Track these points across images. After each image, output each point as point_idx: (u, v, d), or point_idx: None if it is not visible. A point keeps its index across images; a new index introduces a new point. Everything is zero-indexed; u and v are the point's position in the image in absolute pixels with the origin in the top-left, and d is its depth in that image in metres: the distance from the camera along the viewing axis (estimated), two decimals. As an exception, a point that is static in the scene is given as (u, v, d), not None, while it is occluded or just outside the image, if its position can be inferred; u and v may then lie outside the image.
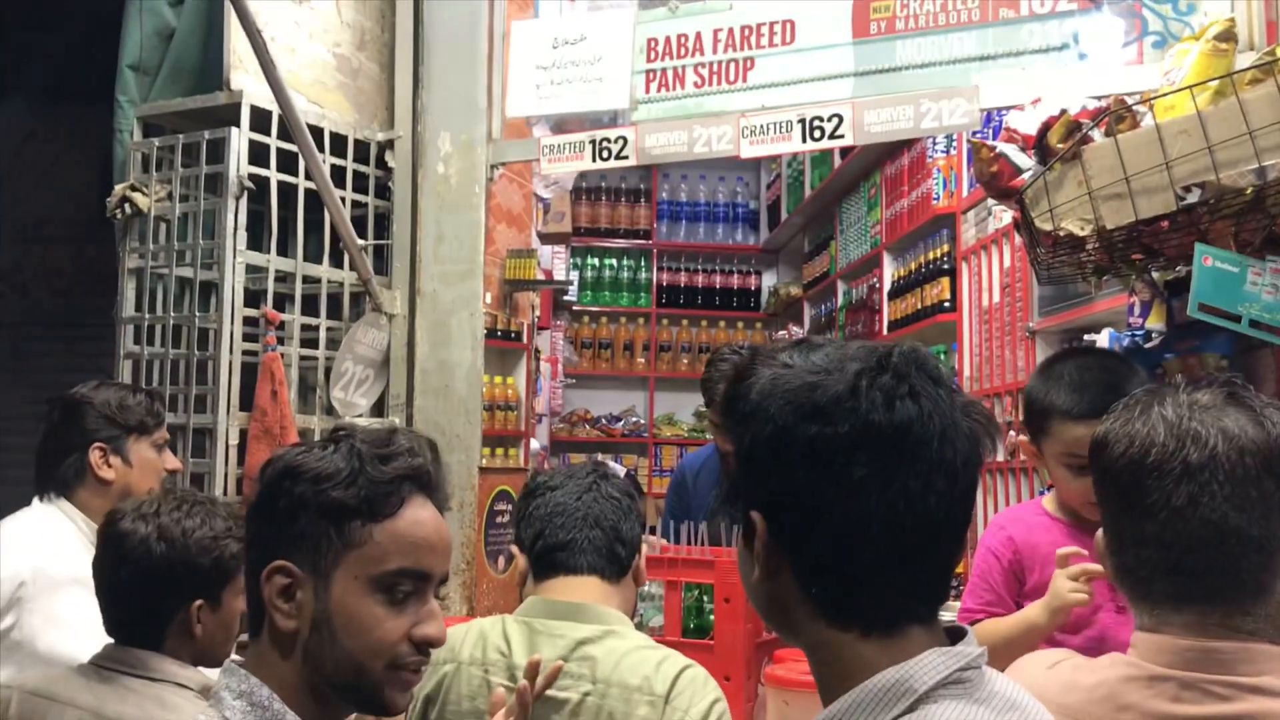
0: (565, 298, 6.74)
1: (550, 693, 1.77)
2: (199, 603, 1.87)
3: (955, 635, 1.03)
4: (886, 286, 5.20)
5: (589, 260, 7.69)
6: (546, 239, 5.00)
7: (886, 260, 5.23)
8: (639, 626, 2.08)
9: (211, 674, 2.01)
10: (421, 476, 1.34)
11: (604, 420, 7.55)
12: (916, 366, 1.00)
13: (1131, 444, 1.30)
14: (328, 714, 1.31)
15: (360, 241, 3.42)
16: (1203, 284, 1.91)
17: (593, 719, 1.75)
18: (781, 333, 7.22)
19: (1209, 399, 1.30)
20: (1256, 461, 1.25)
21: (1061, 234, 2.09)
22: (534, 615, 1.86)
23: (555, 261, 5.37)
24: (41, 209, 6.08)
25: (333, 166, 3.41)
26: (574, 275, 6.79)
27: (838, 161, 5.74)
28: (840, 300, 6.04)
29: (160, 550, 1.84)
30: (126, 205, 3.28)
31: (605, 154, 3.26)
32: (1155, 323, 2.50)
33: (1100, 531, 1.40)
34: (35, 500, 2.43)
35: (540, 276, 4.02)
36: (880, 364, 1.00)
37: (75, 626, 2.18)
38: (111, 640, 1.91)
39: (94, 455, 2.43)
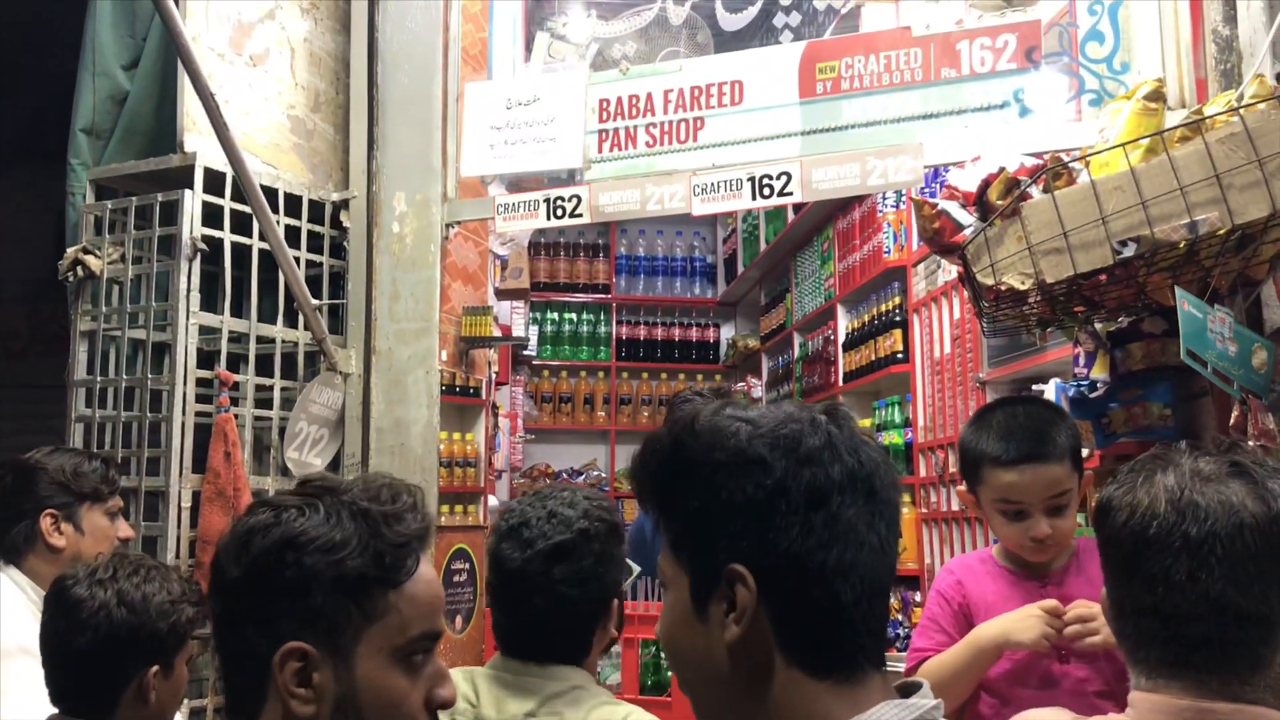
0: (525, 353, 6.74)
1: None
2: (154, 669, 1.85)
3: (909, 690, 1.03)
4: (841, 338, 5.26)
5: (548, 315, 7.71)
6: (504, 295, 5.01)
7: (840, 312, 5.29)
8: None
9: None
10: (427, 532, 1.26)
11: (565, 475, 7.53)
12: (845, 420, 1.05)
13: (1133, 514, 1.31)
14: None
15: (315, 301, 3.42)
16: (1185, 327, 1.95)
17: None
18: (740, 385, 7.25)
19: (1212, 468, 1.31)
20: (1255, 537, 1.26)
21: (1003, 288, 2.14)
22: (503, 670, 1.87)
23: (514, 317, 5.38)
24: (-6, 269, 6.03)
25: (287, 227, 3.41)
26: (533, 330, 6.80)
27: (791, 216, 5.82)
28: (797, 352, 6.09)
29: (121, 616, 1.81)
30: (79, 268, 3.26)
31: (560, 212, 3.29)
32: (1100, 373, 2.55)
33: (1103, 591, 1.41)
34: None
35: (497, 333, 4.03)
36: (827, 414, 1.04)
37: (22, 697, 2.14)
38: (56, 711, 1.87)
39: (45, 522, 2.40)
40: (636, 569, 2.37)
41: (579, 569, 1.82)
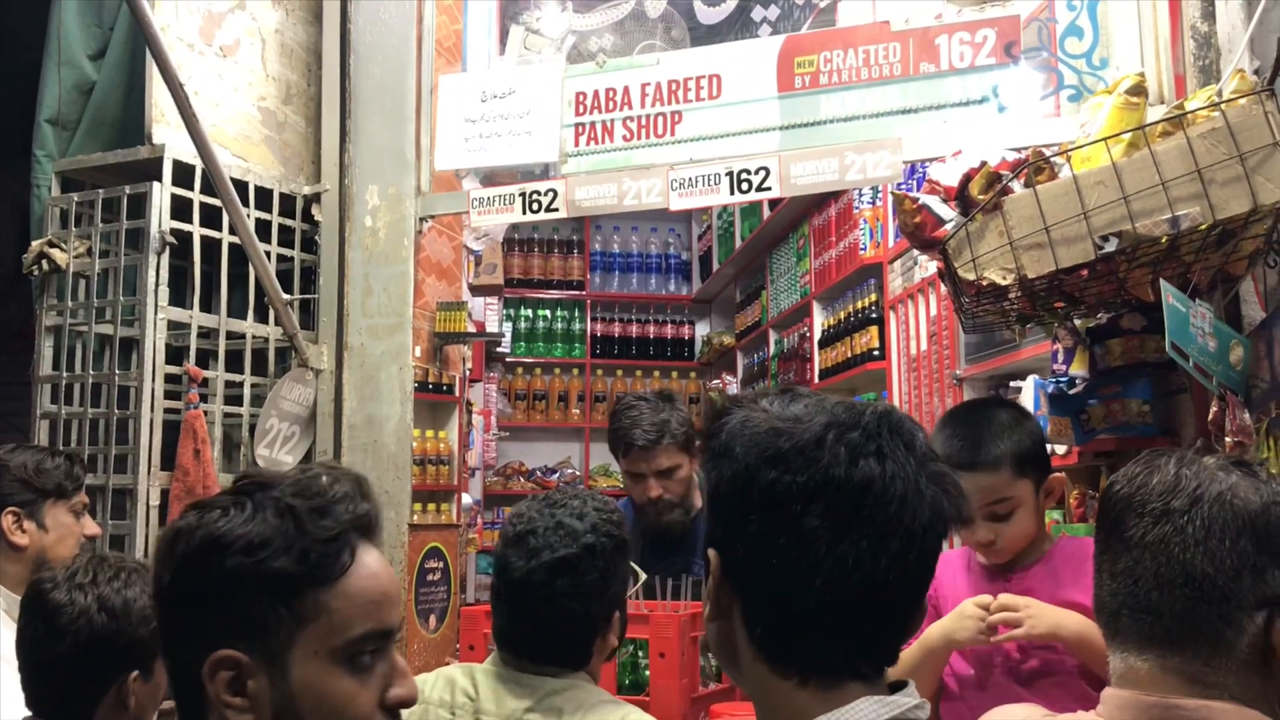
0: (498, 349, 6.70)
1: None
2: (134, 674, 1.81)
3: (895, 688, 1.02)
4: (817, 335, 5.25)
5: (522, 312, 7.66)
6: (478, 291, 4.97)
7: (816, 309, 5.28)
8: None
9: None
10: (365, 523, 1.19)
11: (539, 473, 7.49)
12: (889, 429, 1.01)
13: (1127, 484, 1.33)
14: None
15: (286, 296, 3.37)
16: (1171, 321, 1.94)
17: None
18: (715, 382, 7.24)
19: (1216, 462, 1.32)
20: (1239, 519, 1.25)
21: (984, 283, 2.12)
22: (502, 666, 1.87)
23: (488, 313, 5.34)
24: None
25: (258, 220, 3.36)
26: (507, 327, 6.76)
27: (767, 213, 5.80)
28: (772, 349, 6.08)
29: (102, 621, 1.76)
30: (44, 262, 3.20)
31: (535, 206, 3.26)
32: (1078, 369, 2.55)
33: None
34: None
35: (471, 329, 4.00)
36: (852, 421, 1.01)
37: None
38: (29, 714, 1.83)
39: (6, 520, 2.36)
40: (643, 576, 2.35)
41: (581, 583, 1.81)
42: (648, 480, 3.11)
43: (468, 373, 4.41)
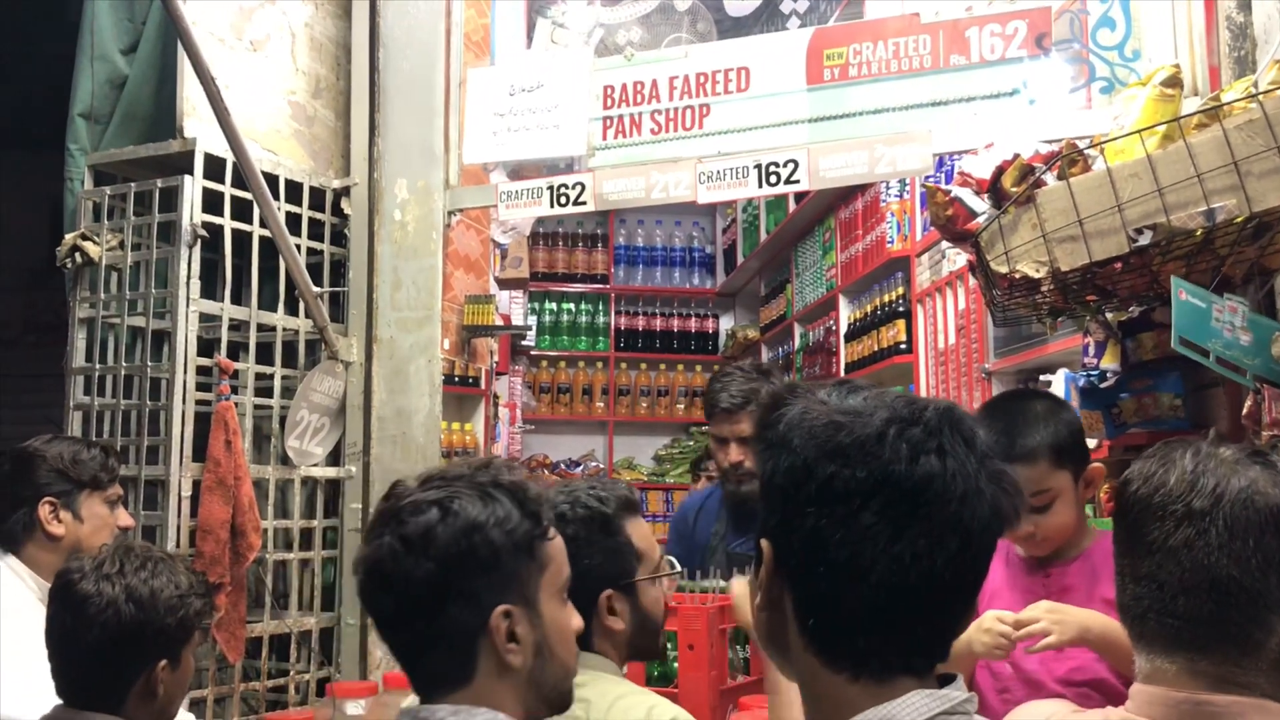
0: (523, 343, 6.72)
1: None
2: (163, 663, 1.83)
3: (944, 681, 1.02)
4: (843, 329, 5.24)
5: (547, 305, 7.68)
6: (504, 284, 4.99)
7: (842, 303, 5.27)
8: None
9: None
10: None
11: (563, 465, 7.51)
12: (951, 425, 1.00)
13: (1144, 484, 1.31)
14: None
15: (316, 289, 3.38)
16: (1179, 317, 1.93)
17: None
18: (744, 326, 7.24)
19: (1232, 455, 1.30)
20: (1261, 517, 1.24)
21: (1017, 276, 2.12)
22: None
23: (513, 307, 5.36)
24: (-5, 261, 5.99)
25: (288, 214, 3.38)
26: (532, 320, 6.78)
27: (793, 206, 5.79)
28: (797, 343, 6.07)
29: (129, 612, 1.78)
30: (77, 254, 3.22)
31: (563, 200, 3.27)
32: (1110, 363, 2.53)
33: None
34: (-18, 556, 2.38)
35: (498, 322, 4.01)
36: (913, 416, 1.00)
37: (22, 686, 2.12)
38: (60, 703, 1.85)
39: (43, 510, 2.38)
40: (679, 567, 2.33)
41: None
42: (729, 444, 3.11)
43: (494, 365, 4.43)
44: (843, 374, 5.14)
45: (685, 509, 3.66)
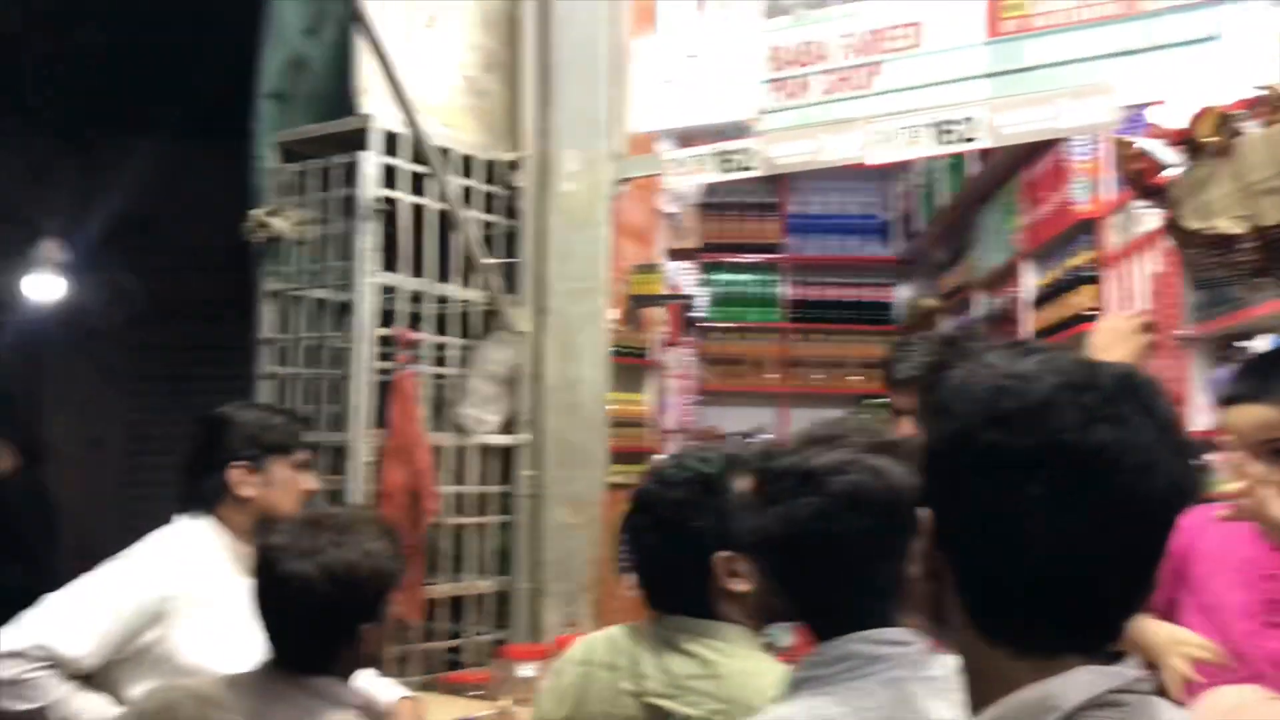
0: (694, 314, 6.71)
1: (676, 709, 1.72)
2: (366, 625, 1.89)
3: (1114, 658, 0.95)
4: (1028, 296, 5.02)
5: (718, 275, 7.63)
6: (674, 255, 4.98)
7: (1027, 269, 5.04)
8: (767, 648, 2.01)
9: (368, 692, 2.05)
10: None
11: (736, 438, 7.47)
12: (1129, 391, 0.93)
13: None
14: None
15: (488, 260, 3.45)
16: None
17: None
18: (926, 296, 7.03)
19: None
20: None
21: (1213, 233, 1.97)
22: (666, 627, 1.82)
23: (684, 277, 5.34)
24: (195, 238, 6.34)
25: (462, 187, 3.45)
26: (703, 291, 6.75)
27: (973, 168, 5.58)
28: (979, 311, 5.86)
29: (330, 590, 1.83)
30: (265, 231, 3.38)
31: (731, 165, 3.23)
32: (1321, 327, 2.34)
33: None
34: (181, 516, 2.50)
35: (667, 292, 4.00)
36: (1087, 381, 0.92)
37: (219, 641, 2.24)
38: (266, 660, 1.92)
39: (235, 473, 2.48)
40: None
41: (656, 519, 1.81)
42: (900, 419, 3.03)
43: (664, 336, 4.43)
44: (1026, 343, 4.93)
45: None
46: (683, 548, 1.78)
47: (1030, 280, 5.03)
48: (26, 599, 2.31)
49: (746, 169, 3.20)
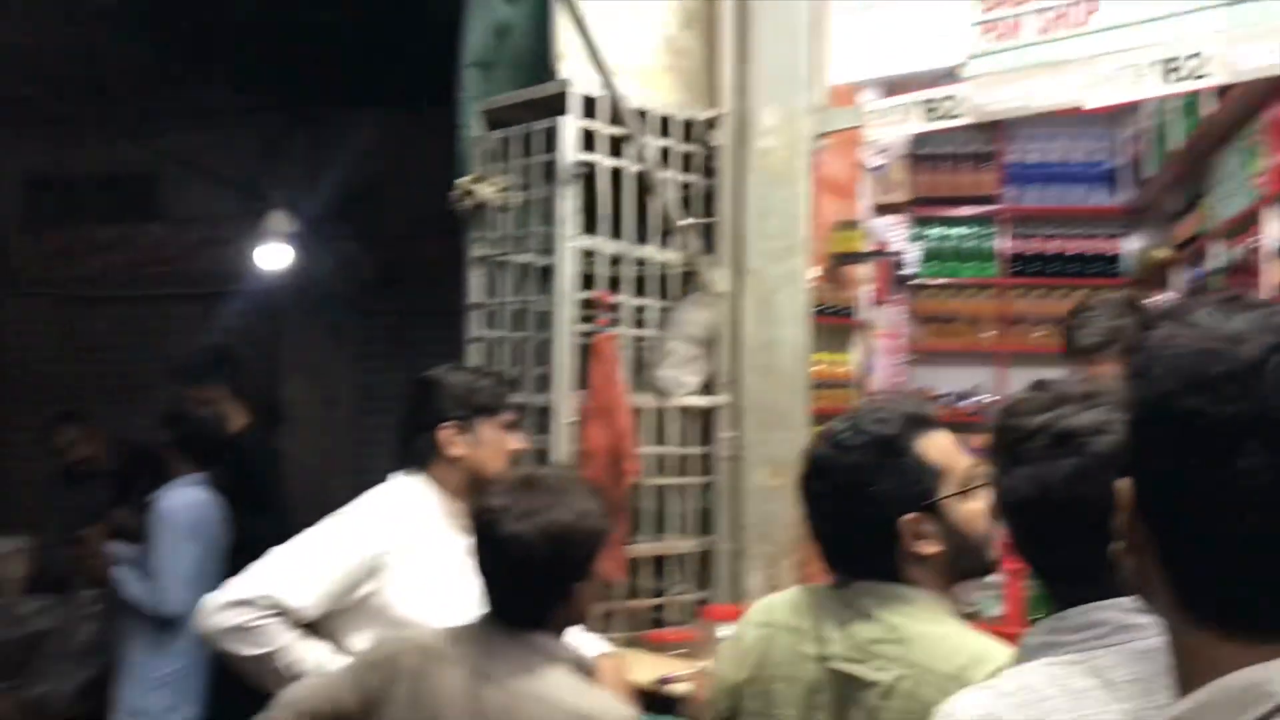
0: (904, 270, 6.52)
1: (861, 674, 1.68)
2: (579, 582, 1.94)
3: None
4: (1270, 246, 4.62)
5: (930, 230, 7.37)
6: (881, 210, 4.84)
7: (1270, 216, 4.64)
8: (973, 617, 1.93)
9: (580, 647, 2.10)
10: None
11: (951, 398, 7.23)
12: None
13: None
14: None
15: (686, 221, 3.43)
16: None
17: (905, 704, 1.63)
18: (1146, 302, 6.61)
19: None
20: None
21: None
22: (852, 592, 1.78)
23: (892, 233, 5.19)
24: (414, 207, 6.60)
25: (659, 148, 3.44)
26: (913, 246, 6.55)
27: (1209, 108, 5.16)
28: (1214, 263, 5.45)
29: (548, 552, 1.89)
30: (470, 198, 3.47)
31: (937, 115, 3.09)
32: None
33: None
34: (396, 474, 2.60)
35: (870, 248, 3.89)
36: None
37: (432, 594, 2.33)
38: (485, 614, 1.98)
39: (444, 434, 2.55)
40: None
41: (833, 485, 1.76)
42: None
43: (870, 294, 4.32)
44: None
45: None
46: (864, 512, 1.73)
47: (1274, 228, 4.64)
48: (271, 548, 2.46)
49: (954, 118, 3.05)
